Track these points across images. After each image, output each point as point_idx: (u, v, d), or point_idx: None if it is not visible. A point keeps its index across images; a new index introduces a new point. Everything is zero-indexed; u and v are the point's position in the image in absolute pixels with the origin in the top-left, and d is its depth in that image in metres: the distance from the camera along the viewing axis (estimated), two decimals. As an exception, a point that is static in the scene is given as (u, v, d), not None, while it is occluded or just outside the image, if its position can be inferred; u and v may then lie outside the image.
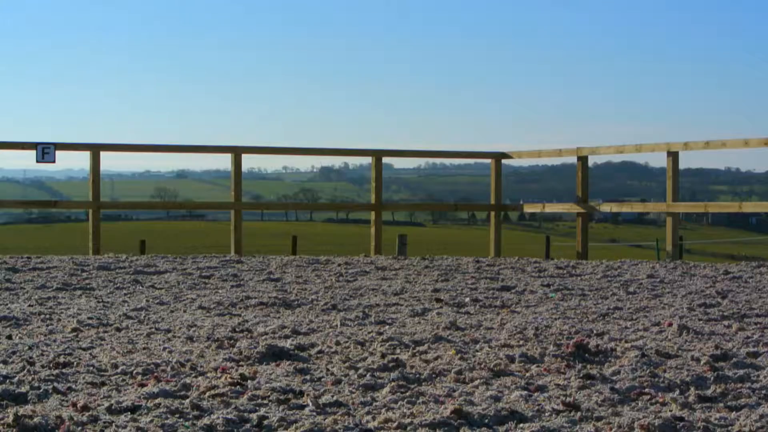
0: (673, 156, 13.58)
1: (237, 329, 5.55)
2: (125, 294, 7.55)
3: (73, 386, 4.03)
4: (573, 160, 15.37)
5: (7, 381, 4.08)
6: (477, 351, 4.87)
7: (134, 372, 4.29)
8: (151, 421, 3.46)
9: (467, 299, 7.15)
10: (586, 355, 4.71)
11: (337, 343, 5.04)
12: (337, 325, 5.78)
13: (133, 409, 3.63)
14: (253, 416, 3.52)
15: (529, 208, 17.88)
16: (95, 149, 14.48)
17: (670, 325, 5.71)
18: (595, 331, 5.51)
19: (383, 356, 4.65)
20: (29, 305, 6.71)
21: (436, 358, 4.68)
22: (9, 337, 5.28)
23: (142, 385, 4.05)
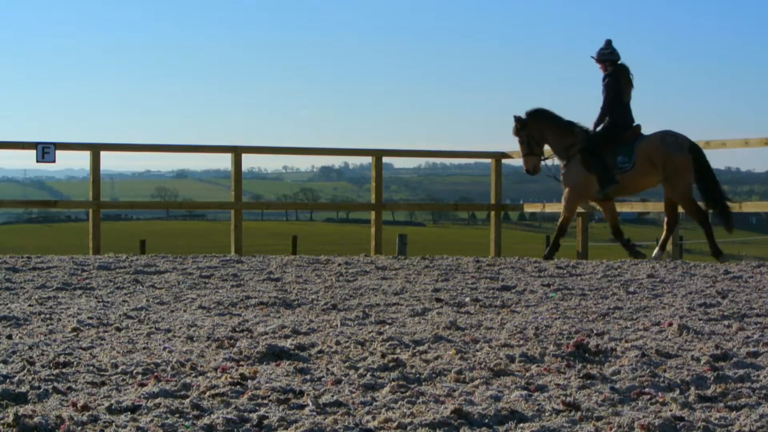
0: (674, 156, 13.56)
1: (237, 329, 5.55)
2: (125, 294, 7.55)
3: (73, 386, 4.03)
4: (573, 159, 15.35)
5: (7, 381, 4.08)
6: (477, 351, 4.87)
7: (134, 372, 4.29)
8: (151, 420, 3.46)
9: (467, 299, 7.15)
10: (586, 354, 4.71)
11: (337, 343, 5.04)
12: (337, 325, 5.78)
13: (133, 408, 3.63)
14: (253, 416, 3.52)
15: (529, 208, 17.89)
16: (95, 149, 14.49)
17: (670, 324, 5.71)
18: (595, 331, 5.51)
19: (383, 356, 4.65)
20: (29, 305, 6.71)
21: (436, 358, 4.68)
22: (9, 337, 5.28)
23: (142, 385, 4.05)
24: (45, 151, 14.04)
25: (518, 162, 17.88)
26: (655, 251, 12.30)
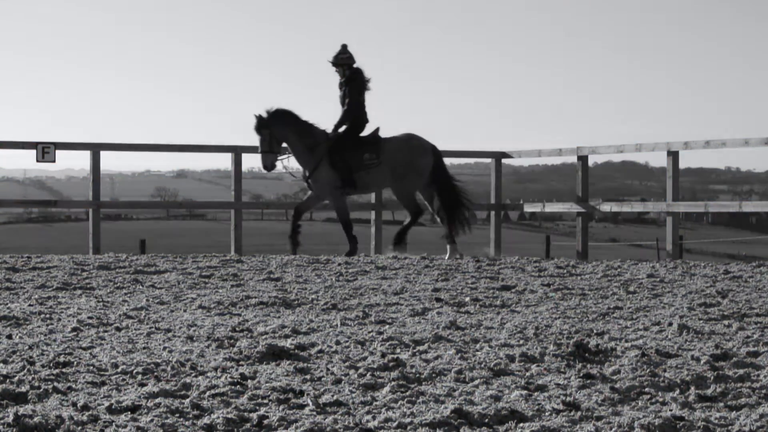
0: (673, 155, 13.60)
1: (237, 329, 5.56)
2: (125, 293, 7.55)
3: (73, 386, 4.03)
4: (573, 159, 15.40)
5: (7, 380, 4.08)
6: (477, 350, 4.87)
7: (134, 371, 4.29)
8: (151, 420, 3.46)
9: (467, 299, 7.15)
10: (586, 354, 4.71)
11: (337, 343, 5.05)
12: (337, 325, 5.78)
13: (133, 408, 3.63)
14: (253, 416, 3.53)
15: (529, 208, 17.90)
16: (95, 149, 14.50)
17: (671, 324, 5.71)
18: (595, 331, 5.51)
19: (383, 356, 4.66)
20: (29, 305, 6.71)
21: (436, 358, 4.68)
22: (9, 337, 5.28)
23: (142, 385, 4.05)
24: (45, 151, 14.04)
25: (518, 162, 17.91)
26: (449, 249, 12.79)
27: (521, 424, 3.47)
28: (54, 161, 14.18)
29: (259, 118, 12.74)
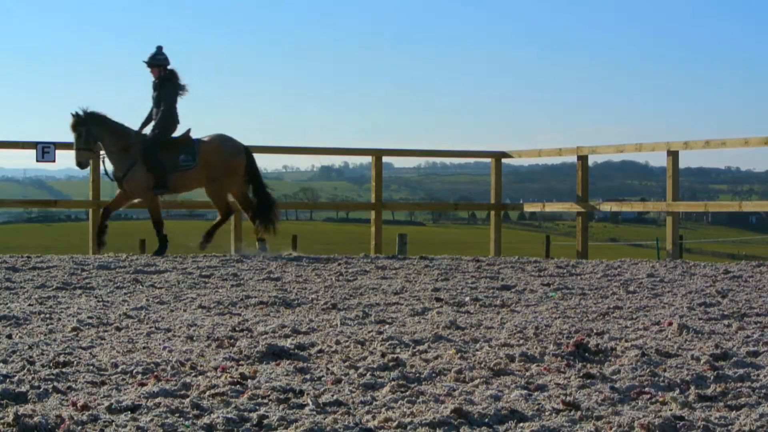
0: (673, 155, 13.59)
1: (237, 328, 5.55)
2: (125, 293, 7.54)
3: (73, 385, 4.03)
4: (573, 159, 15.39)
5: (7, 380, 4.08)
6: (477, 350, 4.87)
7: (134, 371, 4.29)
8: (151, 420, 3.46)
9: (467, 298, 7.15)
10: (586, 354, 4.71)
11: (337, 343, 5.04)
12: (337, 325, 5.78)
13: (133, 408, 3.63)
14: (253, 415, 3.53)
15: (529, 208, 17.89)
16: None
17: (670, 324, 5.71)
18: (595, 331, 5.51)
19: (383, 355, 4.66)
20: (29, 304, 6.71)
21: (436, 358, 4.68)
22: (9, 337, 5.28)
23: (142, 385, 4.05)
24: (45, 150, 14.03)
25: (518, 161, 17.91)
26: (258, 245, 13.02)
27: (521, 424, 3.47)
28: (54, 161, 14.17)
29: (76, 116, 12.80)
